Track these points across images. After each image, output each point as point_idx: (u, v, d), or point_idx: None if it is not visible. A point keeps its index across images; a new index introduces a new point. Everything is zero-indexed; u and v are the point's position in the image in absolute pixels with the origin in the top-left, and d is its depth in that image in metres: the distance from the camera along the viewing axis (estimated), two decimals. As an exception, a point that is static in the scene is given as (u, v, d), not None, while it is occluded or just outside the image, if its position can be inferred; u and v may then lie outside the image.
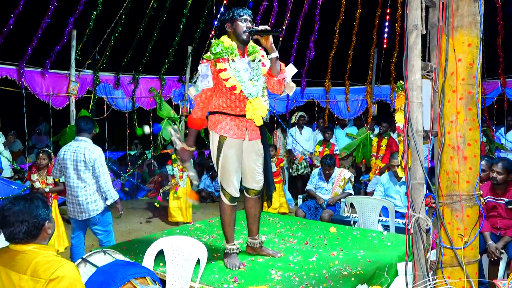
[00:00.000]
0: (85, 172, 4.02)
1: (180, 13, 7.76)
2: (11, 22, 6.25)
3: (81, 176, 4.03)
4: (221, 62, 2.99)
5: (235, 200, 3.25)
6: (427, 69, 2.36)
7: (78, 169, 4.02)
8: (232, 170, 3.15)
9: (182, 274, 2.92)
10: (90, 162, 4.00)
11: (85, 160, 3.99)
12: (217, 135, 3.12)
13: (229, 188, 3.18)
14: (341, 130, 9.18)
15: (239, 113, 3.11)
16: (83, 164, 4.00)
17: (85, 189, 4.04)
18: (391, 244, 3.75)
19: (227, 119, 3.11)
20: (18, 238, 1.98)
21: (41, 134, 11.03)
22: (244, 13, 3.07)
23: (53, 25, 6.57)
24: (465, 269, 2.29)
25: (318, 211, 5.68)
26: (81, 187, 4.04)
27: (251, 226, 3.45)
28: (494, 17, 7.92)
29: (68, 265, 1.93)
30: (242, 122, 3.14)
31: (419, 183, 2.23)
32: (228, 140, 3.10)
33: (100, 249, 2.82)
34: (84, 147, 4.03)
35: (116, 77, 7.80)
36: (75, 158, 4.02)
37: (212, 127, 3.16)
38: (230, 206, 3.26)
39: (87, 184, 4.05)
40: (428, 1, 2.35)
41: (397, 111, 2.71)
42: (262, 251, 3.48)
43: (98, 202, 4.10)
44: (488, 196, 4.05)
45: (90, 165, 4.01)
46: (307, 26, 8.86)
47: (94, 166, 4.02)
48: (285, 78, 3.24)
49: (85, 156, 3.99)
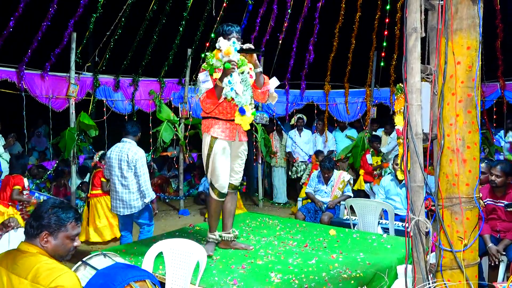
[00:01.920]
0: (128, 171, 4.39)
1: (180, 16, 7.77)
2: (11, 24, 6.25)
3: (124, 174, 4.40)
4: (217, 72, 3.36)
5: (223, 196, 3.59)
6: (427, 71, 2.36)
7: (122, 168, 4.40)
8: (221, 168, 3.50)
9: (181, 277, 2.92)
10: (132, 162, 4.36)
11: (128, 160, 4.36)
12: (209, 136, 3.49)
13: (218, 184, 3.53)
14: (340, 133, 9.19)
15: (230, 118, 3.50)
16: (126, 163, 4.38)
17: (127, 187, 4.40)
18: (391, 247, 3.75)
19: (219, 123, 3.49)
20: (26, 230, 2.03)
21: (40, 136, 11.03)
22: (232, 30, 3.43)
23: (53, 28, 6.56)
24: (465, 271, 2.28)
25: (317, 213, 5.68)
26: (124, 184, 4.40)
27: (226, 221, 3.77)
28: (493, 20, 7.93)
29: (68, 274, 1.91)
30: (232, 126, 3.53)
31: (419, 185, 2.23)
32: (219, 141, 3.48)
33: (99, 252, 2.81)
34: (128, 148, 4.43)
35: (115, 80, 7.79)
36: (120, 157, 4.41)
37: (206, 130, 3.53)
38: (217, 201, 3.61)
39: (129, 182, 4.40)
40: (427, 4, 2.35)
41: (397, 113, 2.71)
42: (234, 245, 3.75)
43: (138, 199, 4.45)
44: (487, 199, 4.04)
45: (132, 164, 4.37)
46: (306, 28, 8.87)
47: (135, 166, 4.38)
48: (268, 90, 3.63)
49: (128, 156, 4.37)
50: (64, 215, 2.04)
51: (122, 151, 4.42)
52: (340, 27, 8.81)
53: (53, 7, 6.42)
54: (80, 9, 6.63)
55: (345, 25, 8.82)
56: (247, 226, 4.62)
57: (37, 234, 2.00)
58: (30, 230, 2.02)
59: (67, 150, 6.69)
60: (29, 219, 2.04)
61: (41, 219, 2.01)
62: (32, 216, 2.04)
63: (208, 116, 3.52)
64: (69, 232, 2.05)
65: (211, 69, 3.37)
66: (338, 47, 8.92)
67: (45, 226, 2.00)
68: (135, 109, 8.11)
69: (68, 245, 2.06)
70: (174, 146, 8.74)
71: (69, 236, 2.05)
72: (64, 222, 2.03)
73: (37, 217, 2.02)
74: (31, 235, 2.01)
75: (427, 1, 2.33)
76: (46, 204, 2.06)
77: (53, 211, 2.03)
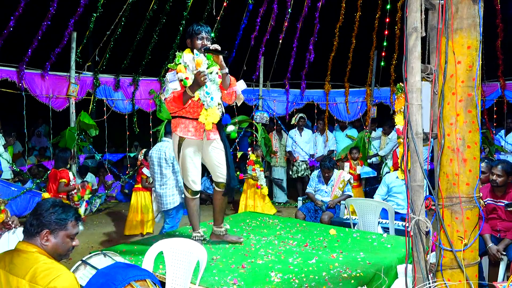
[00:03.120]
0: (166, 168, 4.70)
1: (180, 15, 7.77)
2: (11, 24, 6.25)
3: (163, 171, 4.71)
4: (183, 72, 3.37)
5: (196, 194, 3.69)
6: (427, 71, 2.36)
7: (161, 165, 4.72)
8: (190, 167, 3.56)
9: (181, 276, 2.92)
10: (170, 159, 4.68)
11: (166, 157, 4.68)
12: (177, 136, 3.51)
13: (188, 183, 3.62)
14: (341, 132, 9.19)
15: (196, 116, 3.49)
16: (165, 161, 4.70)
17: (165, 183, 4.71)
18: (391, 246, 3.74)
19: (186, 122, 3.50)
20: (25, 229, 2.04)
21: (40, 136, 11.03)
22: (201, 30, 3.43)
23: (53, 27, 6.57)
24: (465, 271, 2.28)
25: (318, 213, 5.69)
26: (162, 181, 4.71)
27: (217, 216, 3.89)
28: (493, 19, 7.92)
29: (66, 275, 1.91)
30: (199, 124, 3.51)
31: (419, 185, 2.23)
32: (186, 141, 3.51)
33: (100, 251, 2.82)
34: (166, 146, 4.72)
35: (116, 79, 7.80)
36: (159, 155, 4.74)
37: (174, 129, 3.55)
38: (192, 199, 3.70)
39: (167, 179, 4.71)
40: (428, 3, 2.35)
41: (397, 113, 2.72)
42: (226, 237, 3.88)
43: (175, 196, 4.74)
44: (487, 199, 4.04)
45: (170, 162, 4.69)
46: (307, 28, 8.87)
47: (173, 163, 4.70)
48: (235, 91, 3.66)
49: (166, 154, 4.68)
50: (64, 214, 2.06)
51: (161, 149, 4.73)
52: (340, 27, 8.81)
53: (53, 6, 6.42)
54: (80, 8, 6.64)
55: (346, 25, 8.82)
56: (247, 225, 4.62)
57: (37, 233, 2.01)
58: (30, 229, 2.02)
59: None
60: (29, 218, 2.05)
61: (42, 217, 2.02)
62: (33, 215, 2.05)
63: (175, 116, 3.53)
64: (70, 231, 2.07)
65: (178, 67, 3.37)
66: (338, 46, 8.92)
67: (46, 225, 2.01)
68: (136, 108, 8.11)
69: (68, 244, 2.08)
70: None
71: (69, 235, 2.07)
72: (65, 221, 2.05)
73: (38, 216, 2.03)
74: (31, 233, 2.02)
75: (427, 1, 2.33)
76: (47, 203, 2.07)
77: (54, 209, 2.04)
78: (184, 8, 7.70)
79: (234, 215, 5.34)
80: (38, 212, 2.04)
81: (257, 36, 8.53)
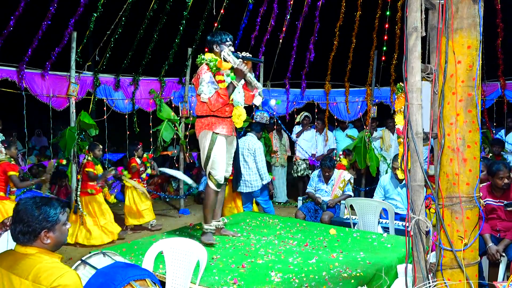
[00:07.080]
0: (248, 156, 5.66)
1: (180, 15, 7.76)
2: (11, 23, 6.25)
3: (246, 160, 5.66)
4: (219, 75, 3.74)
5: (220, 186, 3.94)
6: (427, 71, 2.36)
7: (244, 154, 5.66)
8: (221, 160, 3.87)
9: (181, 276, 2.92)
10: (251, 150, 5.66)
11: (248, 148, 5.67)
12: (211, 132, 3.83)
13: (218, 175, 3.87)
14: (341, 132, 9.19)
15: (227, 115, 3.91)
16: (247, 151, 5.67)
17: (249, 170, 5.65)
18: (391, 246, 3.75)
19: (219, 120, 3.88)
20: (15, 238, 1.98)
21: (40, 135, 11.03)
22: (227, 38, 3.86)
23: (53, 27, 6.56)
24: (465, 271, 2.28)
25: (318, 213, 5.68)
26: (246, 168, 5.64)
27: (217, 209, 4.15)
28: (493, 19, 7.92)
29: (70, 274, 1.91)
30: (230, 122, 3.95)
31: (419, 185, 2.23)
32: (220, 137, 3.86)
33: (99, 251, 2.81)
34: (249, 139, 5.76)
35: (116, 79, 7.79)
36: (243, 146, 5.67)
37: (206, 127, 3.86)
38: (214, 192, 3.93)
39: (250, 166, 5.65)
40: (428, 3, 2.35)
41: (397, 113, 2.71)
42: (224, 231, 4.17)
43: (258, 180, 5.69)
44: (487, 199, 4.04)
45: (251, 152, 5.64)
46: (307, 27, 8.86)
47: (254, 154, 5.64)
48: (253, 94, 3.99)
49: (249, 145, 5.68)
50: (53, 210, 2.02)
51: (245, 141, 5.72)
52: (340, 26, 8.80)
53: (53, 6, 6.41)
54: (81, 8, 6.63)
55: (346, 24, 8.81)
56: (248, 225, 4.62)
57: (35, 237, 1.97)
58: (24, 238, 1.97)
59: (67, 149, 6.69)
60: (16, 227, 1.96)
61: (34, 223, 1.96)
62: (20, 223, 1.96)
63: (208, 115, 3.87)
64: (63, 220, 2.07)
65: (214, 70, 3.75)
66: (338, 46, 8.91)
67: (42, 228, 1.97)
68: (136, 108, 8.11)
69: (65, 231, 2.09)
70: (175, 145, 8.74)
71: (63, 223, 2.08)
72: (56, 215, 2.03)
73: (28, 225, 1.96)
74: (27, 241, 1.97)
75: (427, 0, 2.33)
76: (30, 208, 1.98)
77: (42, 211, 1.99)
78: (184, 8, 7.69)
79: (234, 215, 5.34)
80: (25, 220, 1.96)
81: (257, 36, 8.52)
